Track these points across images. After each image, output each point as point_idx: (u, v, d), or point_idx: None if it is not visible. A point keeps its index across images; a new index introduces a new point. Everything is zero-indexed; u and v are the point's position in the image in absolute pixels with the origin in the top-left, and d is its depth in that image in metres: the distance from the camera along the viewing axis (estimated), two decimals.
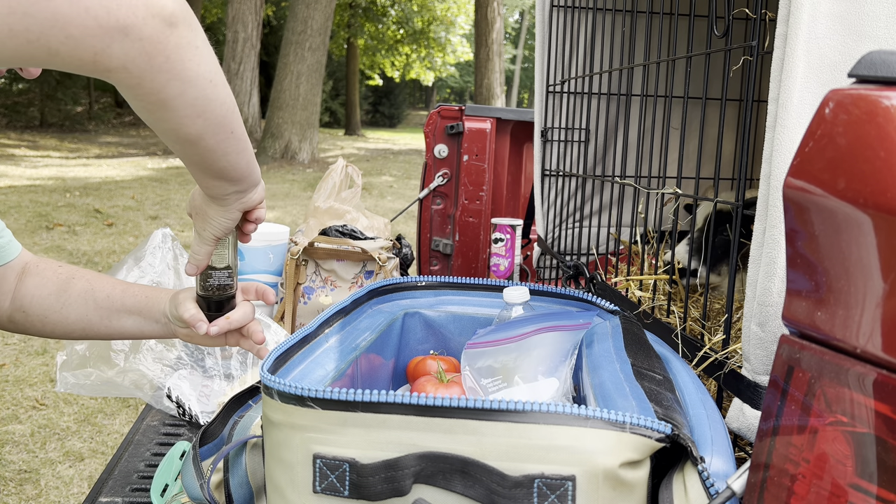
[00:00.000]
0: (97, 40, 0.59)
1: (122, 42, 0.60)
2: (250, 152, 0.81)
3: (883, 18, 0.71)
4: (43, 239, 5.92)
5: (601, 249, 1.66)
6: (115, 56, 0.61)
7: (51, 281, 1.07)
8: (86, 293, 1.06)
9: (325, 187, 1.91)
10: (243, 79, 13.26)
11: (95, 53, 0.60)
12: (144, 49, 0.62)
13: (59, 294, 1.06)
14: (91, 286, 1.07)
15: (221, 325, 1.01)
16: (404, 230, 6.76)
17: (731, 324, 0.90)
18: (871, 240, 0.46)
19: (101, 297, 1.06)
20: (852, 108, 0.47)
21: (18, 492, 2.52)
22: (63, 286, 1.06)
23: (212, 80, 0.68)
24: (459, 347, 1.10)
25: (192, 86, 0.67)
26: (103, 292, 1.06)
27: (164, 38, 0.62)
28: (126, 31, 0.60)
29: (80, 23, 0.58)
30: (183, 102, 0.67)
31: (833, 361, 0.49)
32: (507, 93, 30.14)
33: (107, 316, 1.06)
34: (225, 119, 0.72)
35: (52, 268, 1.08)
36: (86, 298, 1.06)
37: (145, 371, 1.47)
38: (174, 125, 0.70)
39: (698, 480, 0.61)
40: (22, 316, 1.06)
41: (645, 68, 1.19)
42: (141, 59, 0.62)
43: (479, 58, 15.60)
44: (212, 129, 0.72)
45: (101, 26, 0.59)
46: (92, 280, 1.08)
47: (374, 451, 0.67)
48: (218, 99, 0.70)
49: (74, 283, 1.07)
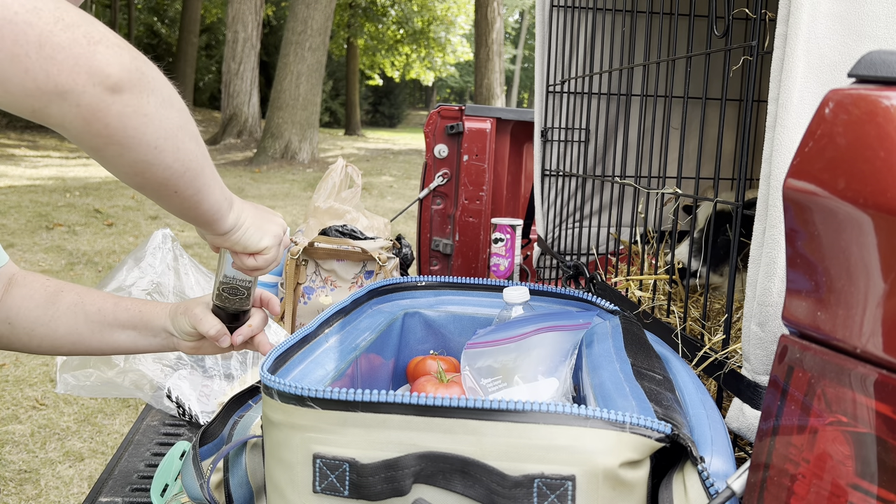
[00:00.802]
0: (34, 100, 0.60)
1: (60, 105, 0.60)
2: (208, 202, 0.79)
3: (883, 18, 0.71)
4: (43, 239, 5.92)
5: (601, 249, 1.66)
6: (53, 115, 0.61)
7: (38, 293, 1.03)
8: (75, 306, 1.03)
9: (325, 187, 1.91)
10: (243, 79, 13.26)
11: (33, 111, 0.61)
12: (81, 114, 0.62)
13: (48, 306, 1.02)
14: (81, 299, 1.04)
15: (245, 333, 1.01)
16: (404, 230, 6.76)
17: (731, 324, 0.90)
18: (871, 240, 0.46)
19: (93, 310, 1.03)
20: (852, 108, 0.47)
21: (18, 492, 2.52)
22: (51, 298, 1.03)
23: (156, 147, 0.68)
24: (459, 347, 1.10)
25: (132, 151, 0.66)
26: (94, 305, 1.03)
27: (105, 106, 0.62)
28: (64, 95, 0.60)
29: (19, 82, 0.58)
30: (121, 163, 0.67)
31: (833, 361, 0.49)
32: (507, 93, 30.14)
33: (98, 330, 1.03)
34: (168, 182, 0.71)
35: (39, 280, 1.05)
36: (75, 311, 1.03)
37: (145, 371, 1.47)
38: (116, 175, 0.71)
39: (698, 480, 0.61)
40: (7, 328, 1.02)
41: (645, 68, 1.19)
42: (78, 123, 0.62)
43: (479, 58, 15.60)
44: (151, 188, 0.72)
45: (39, 88, 0.59)
46: (82, 293, 1.05)
47: (374, 450, 0.67)
48: (161, 164, 0.69)
49: (63, 295, 1.04)
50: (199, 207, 0.78)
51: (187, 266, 1.65)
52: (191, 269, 1.65)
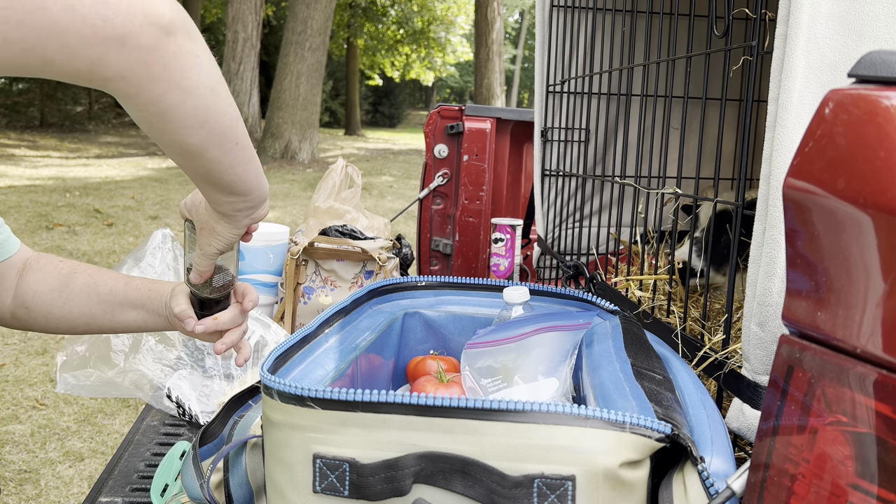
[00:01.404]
0: (94, 49, 0.58)
1: (119, 51, 0.59)
2: (257, 164, 0.80)
3: (883, 18, 0.71)
4: (43, 239, 5.92)
5: (601, 249, 1.66)
6: (113, 65, 0.60)
7: (52, 276, 1.06)
8: (88, 287, 1.06)
9: (324, 187, 1.91)
10: (243, 79, 13.26)
11: (92, 62, 0.60)
12: (142, 58, 0.61)
13: (62, 289, 1.05)
14: (93, 280, 1.06)
15: (207, 324, 1.00)
16: (404, 230, 6.76)
17: (731, 324, 0.90)
18: (871, 240, 0.46)
19: (104, 290, 1.06)
20: (852, 108, 0.47)
21: (18, 492, 2.52)
22: (65, 281, 1.06)
23: (213, 90, 0.67)
24: (459, 347, 1.10)
25: (193, 95, 0.66)
26: (106, 286, 1.06)
27: (162, 46, 0.61)
28: (123, 39, 0.59)
29: (77, 31, 0.57)
30: (183, 112, 0.66)
31: (833, 361, 0.49)
32: (507, 93, 30.14)
33: (110, 310, 1.06)
34: (228, 129, 0.71)
35: (53, 263, 1.08)
36: (88, 293, 1.05)
37: (145, 371, 1.47)
38: (176, 136, 0.69)
39: (698, 480, 0.61)
40: (25, 312, 1.05)
41: (645, 68, 1.19)
42: (139, 68, 0.61)
43: (479, 58, 15.60)
44: (215, 139, 0.71)
45: (97, 35, 0.58)
46: (94, 274, 1.07)
47: (374, 450, 0.67)
48: (220, 109, 0.69)
49: (76, 277, 1.07)
50: (254, 160, 0.77)
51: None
52: None
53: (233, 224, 0.86)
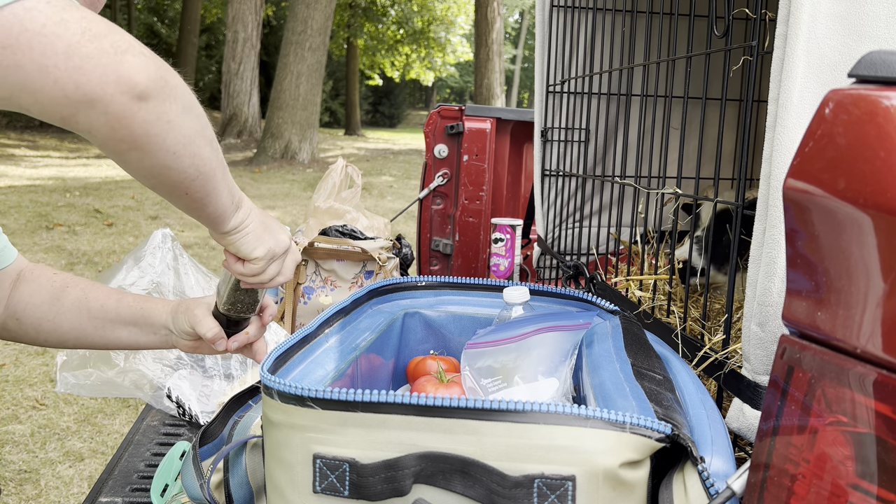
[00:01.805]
0: (63, 108, 0.61)
1: (88, 113, 0.62)
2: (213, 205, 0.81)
3: (883, 18, 0.71)
4: (43, 239, 5.92)
5: (601, 249, 1.66)
6: (81, 123, 0.63)
7: (45, 289, 1.06)
8: (79, 302, 1.05)
9: (324, 187, 1.91)
10: (243, 79, 13.26)
11: (62, 118, 0.63)
12: (109, 122, 0.63)
13: (53, 302, 1.05)
14: (85, 295, 1.06)
15: (241, 340, 1.01)
16: (404, 230, 6.76)
17: (731, 324, 0.90)
18: (871, 240, 0.46)
19: (96, 306, 1.05)
20: (852, 108, 0.47)
21: (18, 492, 2.52)
22: (57, 294, 1.05)
23: (175, 153, 0.70)
24: (459, 347, 1.10)
25: (153, 156, 0.68)
26: (97, 302, 1.05)
27: (131, 113, 0.64)
28: (92, 104, 0.62)
29: (49, 92, 0.60)
30: (141, 166, 0.70)
31: (833, 361, 0.49)
32: (507, 93, 30.13)
33: (101, 326, 1.05)
34: (181, 185, 0.74)
35: (46, 275, 1.07)
36: (79, 308, 1.05)
37: (145, 371, 1.47)
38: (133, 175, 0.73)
39: (698, 480, 0.61)
40: (15, 323, 1.05)
41: (645, 68, 1.19)
42: (105, 130, 0.64)
43: (479, 58, 15.60)
44: (165, 189, 0.75)
45: (67, 97, 0.61)
46: (86, 289, 1.07)
47: (374, 451, 0.67)
48: (177, 168, 0.71)
49: (68, 291, 1.06)
50: (205, 209, 0.80)
51: (187, 266, 1.65)
52: (190, 269, 1.65)
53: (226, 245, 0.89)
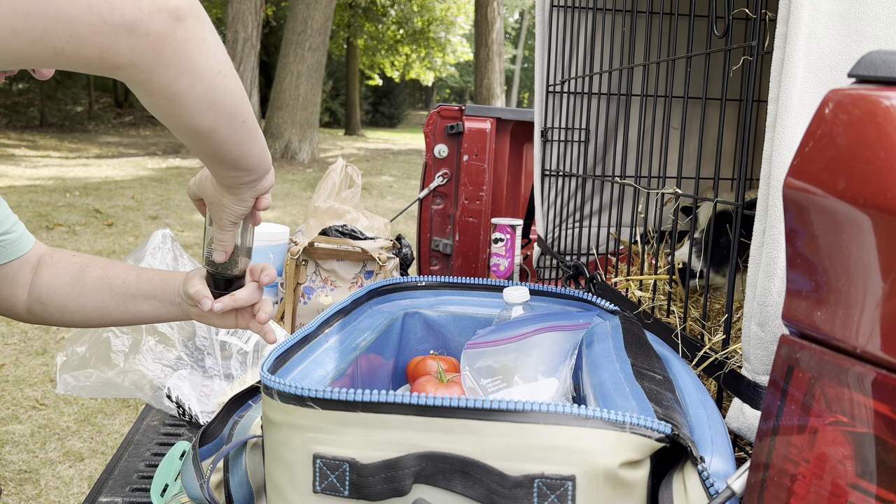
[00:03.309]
0: (103, 37, 0.58)
1: (129, 38, 0.60)
2: (262, 140, 0.81)
3: (883, 18, 0.71)
4: (43, 239, 5.92)
5: (601, 249, 1.66)
6: (123, 53, 0.60)
7: (66, 271, 1.08)
8: (101, 280, 1.07)
9: (324, 187, 1.91)
10: (243, 79, 13.25)
11: (102, 51, 0.60)
12: (152, 44, 0.61)
13: (75, 283, 1.07)
14: (106, 273, 1.08)
15: (226, 302, 0.99)
16: (404, 230, 6.76)
17: (731, 324, 0.90)
18: (871, 240, 0.46)
19: (117, 283, 1.07)
20: (852, 108, 0.47)
21: (18, 492, 2.52)
22: (78, 275, 1.08)
23: (220, 72, 0.68)
24: (459, 347, 1.10)
25: (202, 78, 0.66)
26: (118, 279, 1.08)
27: (172, 31, 0.62)
28: (132, 27, 0.59)
29: (85, 20, 0.57)
30: (193, 96, 0.67)
31: (833, 361, 0.49)
32: (507, 93, 30.14)
33: (123, 302, 1.07)
34: (236, 109, 0.72)
35: (66, 258, 1.10)
36: (101, 286, 1.07)
37: (145, 371, 1.47)
38: (186, 119, 0.69)
39: (698, 480, 0.61)
40: (40, 307, 1.07)
41: (645, 68, 1.19)
42: (149, 55, 0.62)
43: (479, 58, 15.60)
44: (224, 120, 0.71)
45: (105, 23, 0.58)
46: (106, 267, 1.09)
47: (374, 451, 0.67)
48: (228, 89, 0.70)
49: (89, 271, 1.08)
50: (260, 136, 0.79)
51: (187, 266, 1.65)
52: (190, 269, 1.64)
53: (237, 196, 0.87)
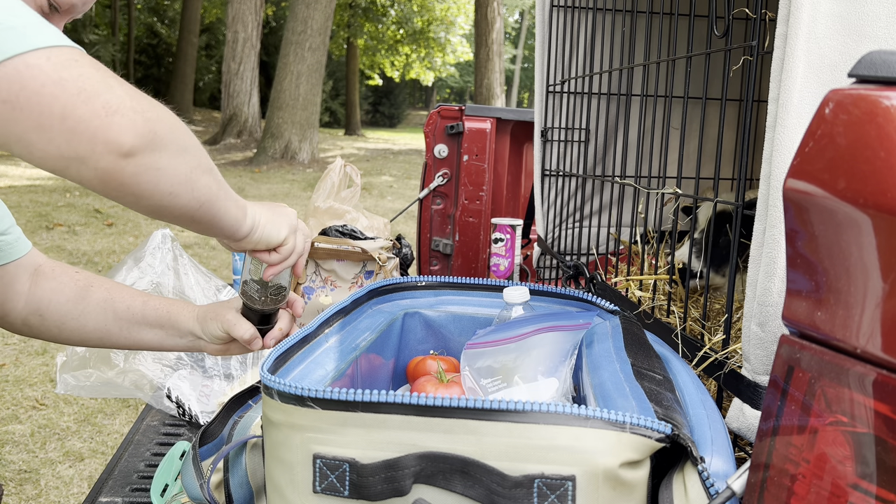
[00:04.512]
0: (57, 163, 0.66)
1: (79, 167, 0.67)
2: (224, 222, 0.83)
3: (883, 18, 0.71)
4: (43, 239, 5.92)
5: (601, 249, 1.66)
6: (72, 174, 0.68)
7: (68, 287, 1.06)
8: (105, 303, 1.05)
9: (324, 187, 1.91)
10: (243, 79, 13.26)
11: (54, 169, 0.67)
12: (98, 176, 0.68)
13: (78, 301, 1.05)
14: (111, 296, 1.06)
15: (276, 336, 1.01)
16: (404, 230, 6.76)
17: (731, 324, 0.90)
18: (871, 240, 0.46)
19: (122, 308, 1.05)
20: (852, 108, 0.47)
21: (18, 492, 2.52)
22: (82, 293, 1.05)
23: (171, 193, 0.73)
24: (459, 347, 1.10)
25: (148, 199, 0.72)
26: (123, 303, 1.05)
27: (119, 168, 0.67)
28: (82, 160, 0.66)
29: (42, 148, 0.65)
30: (139, 207, 0.74)
31: (833, 361, 0.49)
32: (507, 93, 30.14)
33: (126, 328, 1.05)
34: (184, 216, 0.77)
35: (68, 273, 1.07)
36: (105, 308, 1.05)
37: (145, 371, 1.47)
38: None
39: (698, 480, 0.61)
40: (38, 320, 1.04)
41: (645, 68, 1.19)
42: (95, 182, 0.68)
43: (479, 58, 15.60)
44: (172, 221, 0.78)
45: (61, 155, 0.65)
46: (111, 290, 1.07)
47: (374, 451, 0.67)
48: (177, 205, 0.75)
49: (93, 291, 1.06)
50: (215, 228, 0.83)
51: (187, 266, 1.65)
52: (190, 269, 1.65)
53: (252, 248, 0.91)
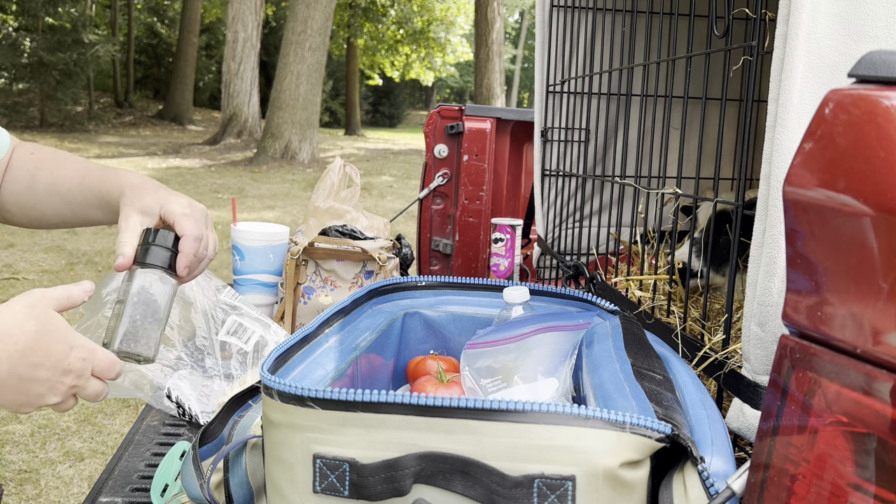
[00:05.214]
0: None
1: None
2: None
3: (883, 18, 0.71)
4: (43, 239, 5.91)
5: (601, 249, 1.66)
6: None
7: (21, 172, 1.04)
8: (50, 187, 1.03)
9: (323, 187, 1.91)
10: (243, 79, 13.26)
11: None
12: None
13: (30, 189, 1.03)
14: (53, 179, 1.03)
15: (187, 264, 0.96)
16: (404, 230, 6.76)
17: (731, 324, 0.90)
18: (871, 240, 0.46)
19: (63, 190, 1.03)
20: (852, 108, 0.47)
21: (18, 492, 2.52)
22: (31, 180, 1.04)
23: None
24: (459, 347, 1.10)
25: None
26: (64, 186, 1.03)
27: None
28: None
29: None
30: None
31: (833, 361, 0.49)
32: (507, 93, 30.14)
33: (76, 210, 1.03)
34: None
35: (23, 159, 1.05)
36: (51, 192, 1.03)
37: (145, 371, 1.47)
38: None
39: (698, 480, 0.61)
40: (7, 214, 1.05)
41: (645, 68, 1.19)
42: None
43: (479, 58, 15.61)
44: None
45: None
46: (54, 170, 1.03)
47: (374, 451, 0.67)
48: None
49: (40, 175, 1.03)
50: None
51: None
52: None
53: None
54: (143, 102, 21.75)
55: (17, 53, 15.98)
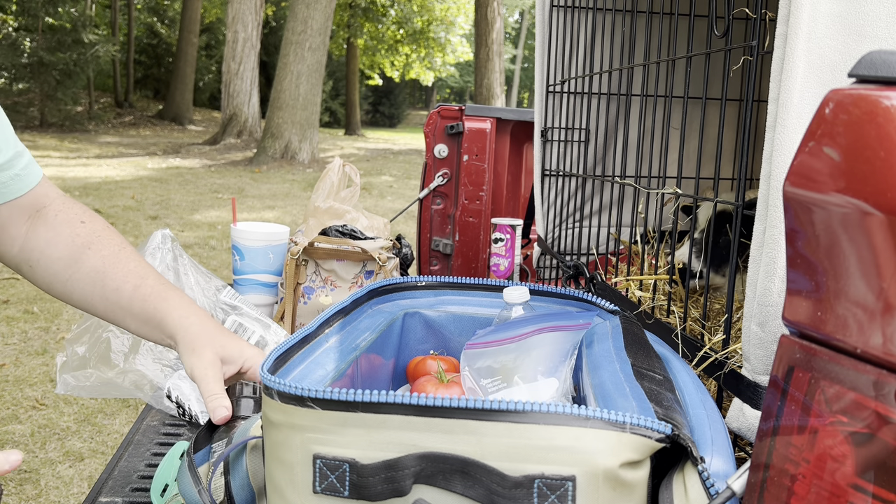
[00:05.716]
0: None
1: None
2: None
3: (883, 18, 0.71)
4: None
5: (601, 249, 1.66)
6: None
7: (64, 243, 0.95)
8: (95, 274, 0.95)
9: (322, 187, 1.91)
10: (243, 79, 13.27)
11: None
12: None
13: (69, 264, 0.95)
14: (104, 268, 0.95)
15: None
16: (404, 230, 6.76)
17: (731, 324, 0.90)
18: (871, 240, 0.46)
19: (111, 287, 0.95)
20: (852, 108, 0.47)
21: (18, 492, 2.52)
22: (75, 256, 0.95)
23: None
24: (459, 347, 1.10)
25: None
26: (114, 283, 0.95)
27: None
28: None
29: None
30: None
31: (833, 361, 0.49)
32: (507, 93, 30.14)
33: (112, 309, 0.97)
34: None
35: (71, 224, 0.96)
36: (94, 281, 0.95)
37: (145, 371, 1.47)
38: None
39: (698, 480, 0.61)
40: (29, 270, 0.96)
41: (645, 68, 1.19)
42: None
43: (479, 58, 15.61)
44: None
45: None
46: (107, 260, 0.96)
47: (375, 451, 0.67)
48: None
49: (88, 256, 0.96)
50: None
51: (187, 266, 1.65)
52: (190, 270, 1.64)
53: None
54: (143, 102, 21.77)
55: (17, 53, 15.99)
